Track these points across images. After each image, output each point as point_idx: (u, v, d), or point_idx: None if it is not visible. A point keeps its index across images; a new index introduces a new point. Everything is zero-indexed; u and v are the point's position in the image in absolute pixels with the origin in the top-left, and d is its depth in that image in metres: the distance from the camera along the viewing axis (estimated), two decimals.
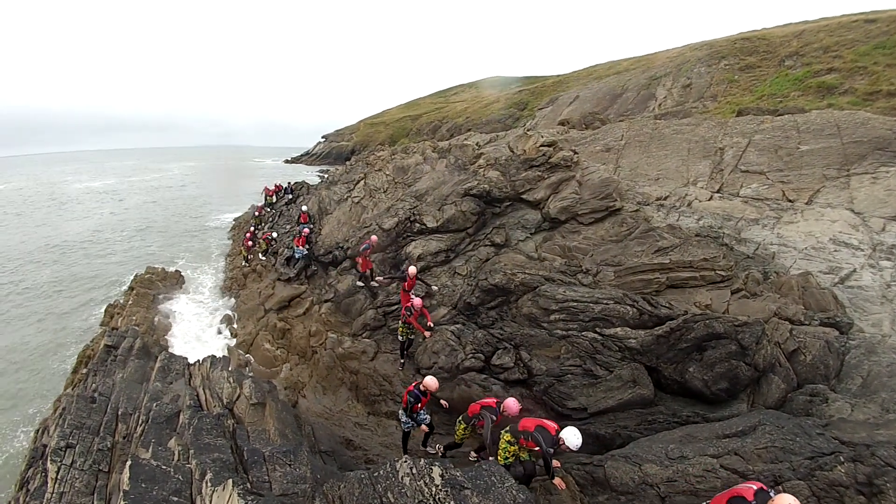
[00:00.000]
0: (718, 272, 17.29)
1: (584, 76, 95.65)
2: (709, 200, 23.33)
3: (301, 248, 25.36)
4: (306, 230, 26.60)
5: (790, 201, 21.52)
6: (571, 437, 9.34)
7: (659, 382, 13.61)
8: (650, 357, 13.60)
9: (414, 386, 12.56)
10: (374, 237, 22.31)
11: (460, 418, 12.32)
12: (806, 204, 21.21)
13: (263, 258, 31.71)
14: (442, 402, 14.27)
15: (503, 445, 10.27)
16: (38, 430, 17.05)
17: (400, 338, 17.37)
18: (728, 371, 12.70)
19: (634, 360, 13.69)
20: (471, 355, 15.53)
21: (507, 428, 10.40)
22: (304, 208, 27.51)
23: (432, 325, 16.98)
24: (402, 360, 17.78)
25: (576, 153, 24.28)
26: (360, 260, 22.01)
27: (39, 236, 55.83)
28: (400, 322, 17.10)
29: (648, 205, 23.98)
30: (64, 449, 12.55)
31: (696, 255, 17.65)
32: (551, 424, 9.74)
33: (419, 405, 12.59)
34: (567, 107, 70.57)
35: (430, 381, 12.33)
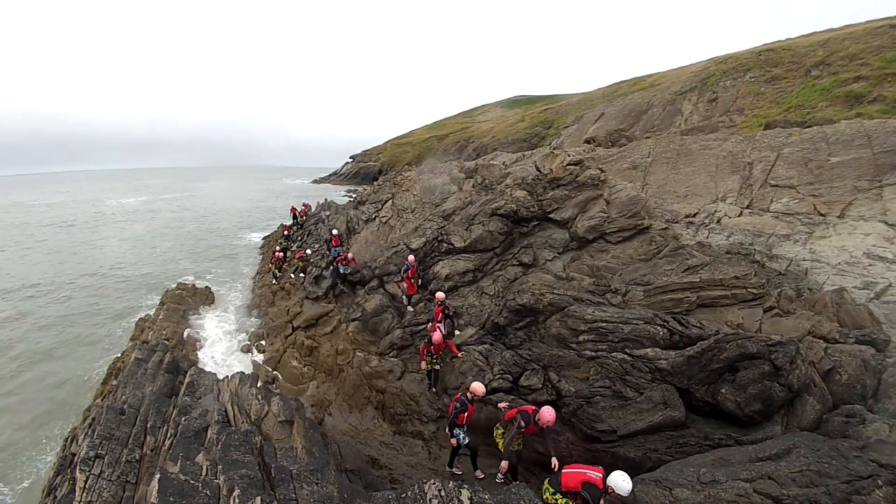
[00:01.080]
0: (750, 290, 16.97)
1: (609, 93, 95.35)
2: (738, 216, 22.96)
3: (346, 266, 25.31)
4: (350, 255, 26.39)
5: (822, 215, 21.09)
6: (621, 482, 9.00)
7: (690, 404, 13.35)
8: (681, 378, 13.37)
9: (462, 393, 12.49)
10: (411, 257, 22.19)
11: (497, 424, 12.34)
12: (838, 217, 20.74)
13: (301, 275, 31.85)
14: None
15: (547, 497, 10.00)
16: (67, 439, 17.23)
17: (424, 366, 17.04)
18: (761, 392, 12.39)
19: (665, 382, 13.47)
20: (498, 376, 15.43)
21: (548, 480, 10.06)
22: (335, 231, 27.54)
23: (454, 354, 17.04)
24: (429, 383, 17.57)
25: (602, 171, 24.19)
26: (405, 283, 22.06)
27: (75, 251, 57.59)
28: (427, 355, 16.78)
29: (677, 222, 23.70)
30: (93, 459, 12.72)
31: (727, 272, 17.37)
32: (595, 475, 9.29)
33: (465, 414, 12.46)
34: (592, 124, 70.36)
35: (478, 387, 12.25)
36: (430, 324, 19.00)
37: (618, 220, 21.07)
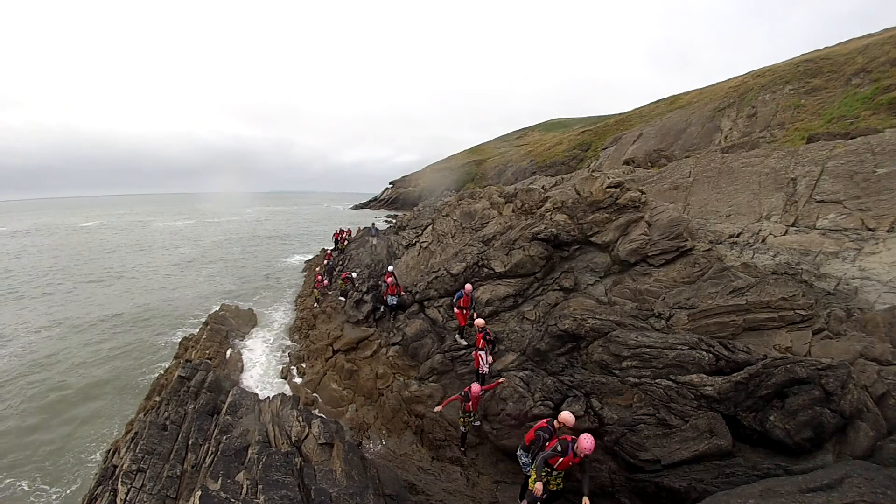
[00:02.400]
0: (798, 312, 16.58)
1: (647, 113, 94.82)
2: (784, 235, 22.45)
3: (393, 296, 25.35)
4: (390, 278, 26.29)
5: (870, 230, 20.44)
6: None
7: (737, 432, 12.91)
8: (728, 405, 13.02)
9: (547, 421, 12.21)
10: (468, 286, 21.15)
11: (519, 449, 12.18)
12: (888, 231, 20.05)
13: (343, 299, 32.05)
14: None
15: None
16: (108, 451, 17.69)
17: (462, 428, 16.36)
18: (812, 419, 11.96)
19: (711, 409, 13.11)
20: (539, 402, 15.25)
21: None
22: (391, 268, 27.49)
23: (478, 423, 16.38)
24: (462, 449, 16.67)
25: (643, 193, 23.98)
26: (459, 312, 21.27)
27: (124, 272, 59.47)
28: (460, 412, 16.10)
29: (721, 243, 23.26)
30: (135, 472, 13.09)
31: (774, 294, 17.01)
32: None
33: (550, 444, 11.88)
34: (631, 145, 69.95)
35: (567, 416, 11.97)
36: (472, 352, 18.77)
37: (660, 243, 20.81)
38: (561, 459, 11.35)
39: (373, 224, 45.82)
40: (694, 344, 14.71)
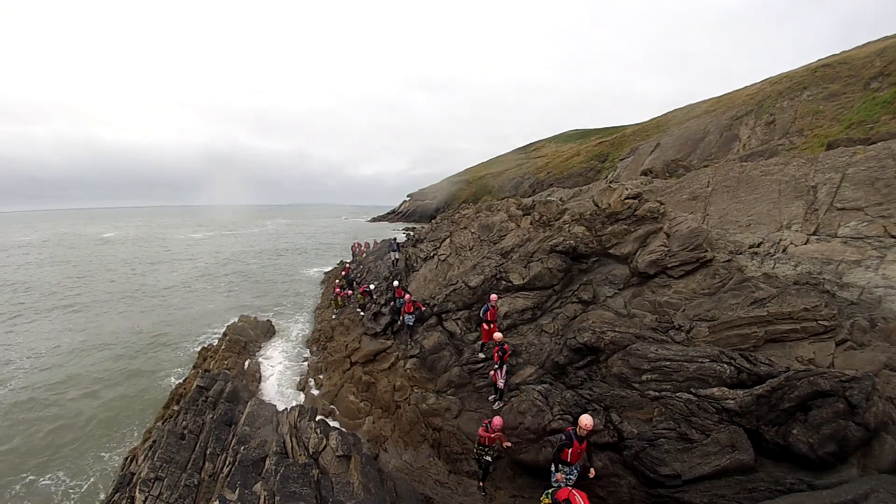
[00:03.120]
0: (821, 322, 16.33)
1: (664, 122, 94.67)
2: (805, 244, 22.09)
3: (410, 314, 25.28)
4: (407, 296, 26.09)
5: (893, 237, 19.97)
6: None
7: (759, 446, 12.70)
8: (750, 419, 12.83)
9: (571, 427, 12.16)
10: (493, 295, 21.03)
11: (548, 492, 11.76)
12: None
13: (361, 312, 32.10)
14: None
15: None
16: (126, 458, 17.93)
17: (478, 458, 15.39)
18: (836, 432, 11.73)
19: (733, 423, 12.93)
20: (558, 416, 15.13)
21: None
22: (396, 283, 27.46)
23: (508, 444, 15.19)
24: (480, 483, 15.69)
25: (662, 204, 23.80)
26: (484, 327, 20.93)
27: (145, 281, 60.66)
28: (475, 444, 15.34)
29: (741, 253, 22.96)
30: (153, 480, 13.29)
31: (796, 304, 16.77)
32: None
33: (570, 450, 12.02)
34: (648, 156, 69.76)
35: (587, 421, 11.85)
36: (491, 370, 18.55)
37: (679, 254, 20.62)
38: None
39: (394, 239, 45.79)
40: (715, 356, 14.55)
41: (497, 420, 14.59)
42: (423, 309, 24.98)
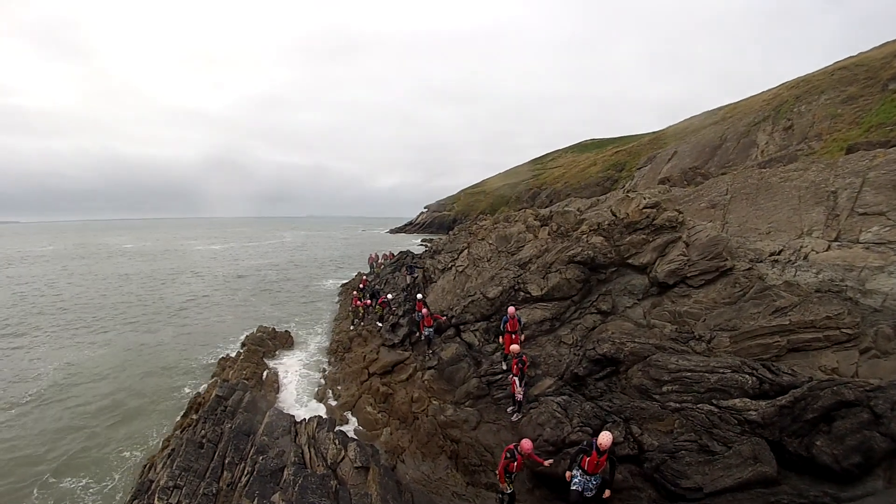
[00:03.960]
0: (844, 331, 16.17)
1: (680, 130, 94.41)
2: (826, 251, 21.84)
3: (430, 327, 25.16)
4: (425, 310, 25.94)
5: None
6: None
7: (782, 458, 12.51)
8: (772, 430, 12.66)
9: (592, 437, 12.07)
10: (511, 308, 20.61)
11: None
12: None
13: (380, 323, 32.12)
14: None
15: None
16: (145, 466, 18.19)
17: (506, 490, 13.70)
18: (861, 443, 11.55)
19: (755, 434, 12.76)
20: (577, 428, 15.00)
21: None
22: (420, 297, 27.38)
23: (549, 462, 14.04)
24: None
25: (680, 212, 23.65)
26: (504, 338, 20.39)
27: (165, 292, 61.06)
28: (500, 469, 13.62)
29: (762, 261, 22.74)
30: (171, 488, 13.42)
31: (818, 313, 16.62)
32: None
33: (587, 458, 11.87)
34: (666, 164, 69.49)
35: (605, 438, 11.59)
36: (510, 377, 18.38)
37: (699, 263, 20.47)
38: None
39: (410, 258, 45.07)
40: (736, 367, 14.42)
41: (527, 443, 13.42)
42: (442, 320, 24.94)
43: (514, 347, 18.14)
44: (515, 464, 13.19)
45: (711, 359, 15.44)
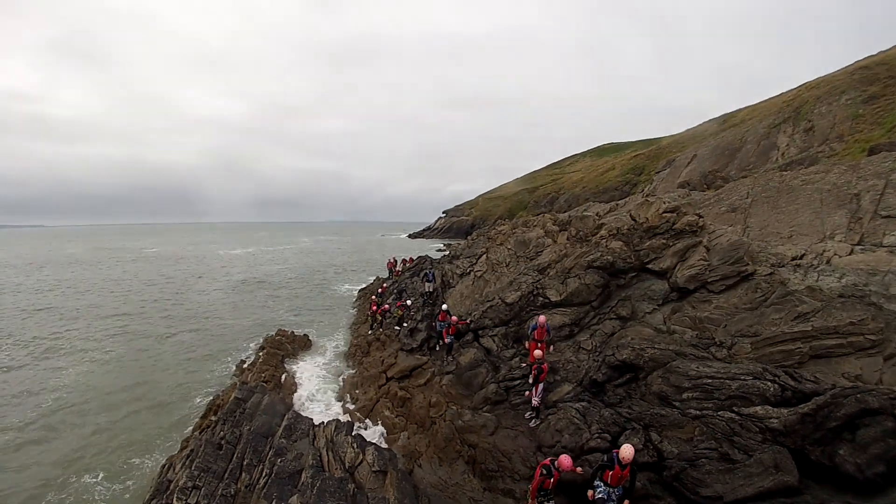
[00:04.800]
0: (868, 337, 15.85)
1: (699, 133, 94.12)
2: (849, 255, 21.50)
3: (452, 335, 24.90)
4: (454, 318, 25.56)
5: None
6: None
7: (804, 467, 12.32)
8: (794, 438, 12.49)
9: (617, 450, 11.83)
10: (542, 317, 20.21)
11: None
12: None
13: (398, 328, 32.13)
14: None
15: None
16: (163, 466, 18.21)
17: None
18: (885, 452, 11.36)
19: (776, 443, 12.60)
20: (596, 435, 14.94)
21: None
22: (445, 307, 27.12)
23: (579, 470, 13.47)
24: None
25: (700, 217, 23.41)
26: (529, 345, 20.00)
27: (186, 295, 62.05)
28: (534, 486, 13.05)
29: (783, 266, 22.40)
30: (190, 489, 13.59)
31: (842, 318, 16.33)
32: None
33: (611, 472, 11.73)
34: (685, 167, 69.11)
35: (628, 452, 11.38)
36: (531, 388, 18.17)
37: (719, 268, 20.22)
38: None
39: (429, 264, 44.66)
40: (758, 374, 14.26)
41: (566, 459, 12.47)
42: (461, 325, 24.86)
43: (537, 353, 18.08)
44: (552, 480, 12.66)
45: (732, 365, 15.28)
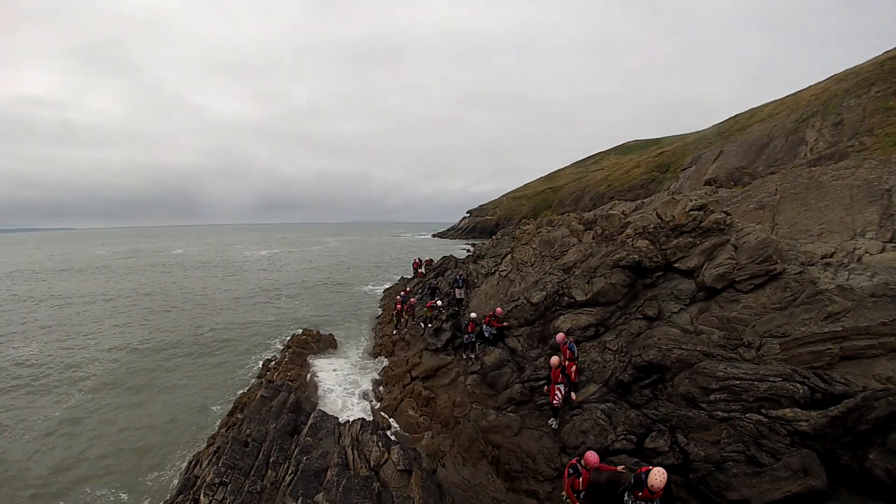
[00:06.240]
0: None
1: (725, 129, 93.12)
2: (881, 252, 21.08)
3: (488, 325, 24.55)
4: (499, 309, 25.21)
5: None
6: None
7: (833, 472, 12.05)
8: (824, 442, 12.24)
9: (646, 469, 11.51)
10: (560, 336, 19.71)
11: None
12: None
13: (423, 326, 32.17)
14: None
15: None
16: (190, 462, 18.54)
17: None
18: None
19: (805, 446, 12.35)
20: (622, 436, 14.84)
21: None
22: (473, 315, 26.47)
23: (622, 467, 13.56)
24: None
25: (728, 214, 23.10)
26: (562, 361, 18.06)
27: (213, 295, 63.42)
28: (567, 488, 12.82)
29: (813, 264, 21.95)
30: (217, 485, 13.79)
31: (873, 318, 15.98)
32: None
33: (640, 493, 11.35)
34: (711, 164, 68.37)
35: (659, 480, 10.87)
36: (547, 386, 17.94)
37: (748, 267, 19.92)
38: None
39: (460, 276, 44.45)
40: (787, 375, 14.03)
41: (592, 456, 12.48)
42: (501, 326, 24.50)
43: (555, 360, 17.50)
44: (581, 480, 12.51)
45: (761, 366, 15.03)
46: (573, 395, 17.61)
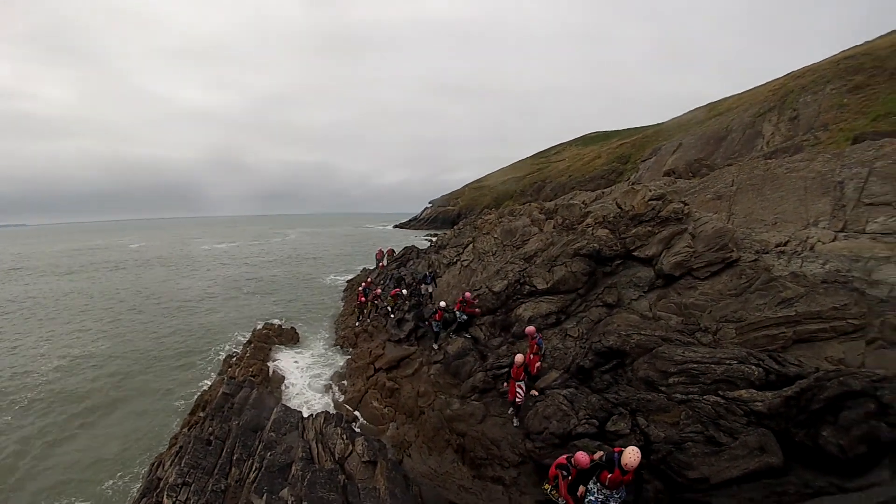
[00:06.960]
0: (850, 321, 16.04)
1: (685, 122, 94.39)
2: (833, 241, 21.65)
3: (459, 311, 24.26)
4: (468, 293, 25.19)
5: None
6: None
7: (789, 449, 12.38)
8: (779, 421, 12.57)
9: (619, 450, 11.11)
10: (530, 328, 19.20)
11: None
12: None
13: (392, 316, 32.07)
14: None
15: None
16: (153, 464, 18.31)
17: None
18: (867, 433, 11.37)
19: (761, 425, 12.66)
20: (584, 421, 14.98)
21: None
22: (443, 304, 26.15)
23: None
24: None
25: (686, 204, 23.58)
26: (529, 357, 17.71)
27: (166, 290, 61.98)
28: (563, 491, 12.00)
29: (767, 252, 22.56)
30: (180, 486, 13.58)
31: (825, 304, 16.50)
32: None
33: (609, 475, 10.97)
34: (671, 156, 69.37)
35: (632, 459, 10.45)
36: (509, 381, 17.54)
37: (705, 255, 20.36)
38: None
39: (430, 272, 44.28)
40: (743, 358, 14.34)
41: (582, 456, 11.64)
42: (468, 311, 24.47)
43: (519, 357, 16.91)
44: (570, 479, 11.93)
45: (718, 350, 15.37)
46: (533, 391, 17.64)
